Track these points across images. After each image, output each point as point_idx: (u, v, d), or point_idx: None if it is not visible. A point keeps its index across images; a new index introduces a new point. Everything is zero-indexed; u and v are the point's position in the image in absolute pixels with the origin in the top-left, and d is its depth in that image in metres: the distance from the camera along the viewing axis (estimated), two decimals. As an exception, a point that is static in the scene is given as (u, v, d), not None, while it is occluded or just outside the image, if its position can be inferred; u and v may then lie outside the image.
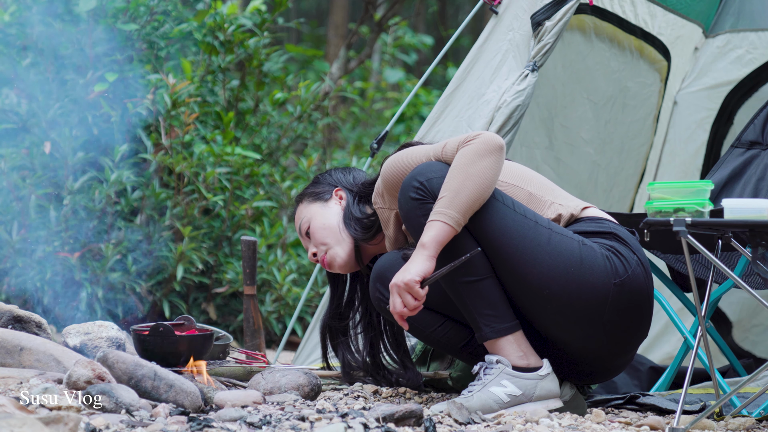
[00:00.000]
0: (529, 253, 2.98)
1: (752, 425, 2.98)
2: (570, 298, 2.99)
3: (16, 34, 5.68)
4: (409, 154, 3.11)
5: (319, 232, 3.32)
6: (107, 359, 2.79)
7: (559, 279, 2.98)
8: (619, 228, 3.09)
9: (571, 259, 2.98)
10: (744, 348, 4.72)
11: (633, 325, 3.08)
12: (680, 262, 3.85)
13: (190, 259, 5.48)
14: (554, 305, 3.00)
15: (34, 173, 5.43)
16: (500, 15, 3.92)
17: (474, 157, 2.94)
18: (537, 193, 3.13)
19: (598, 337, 3.04)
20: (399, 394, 3.43)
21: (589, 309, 3.00)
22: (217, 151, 5.59)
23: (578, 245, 3.00)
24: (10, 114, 5.52)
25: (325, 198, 3.36)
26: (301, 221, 3.37)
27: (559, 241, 3.00)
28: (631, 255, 3.03)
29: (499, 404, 3.01)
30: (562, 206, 3.12)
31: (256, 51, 6.02)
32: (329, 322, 3.45)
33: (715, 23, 4.76)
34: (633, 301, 3.03)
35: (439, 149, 3.04)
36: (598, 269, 2.99)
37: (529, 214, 3.02)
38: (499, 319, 3.01)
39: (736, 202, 2.88)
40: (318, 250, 3.34)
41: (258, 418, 2.58)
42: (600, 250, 3.01)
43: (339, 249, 3.31)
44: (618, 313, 3.02)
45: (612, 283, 2.99)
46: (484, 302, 3.01)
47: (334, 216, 3.33)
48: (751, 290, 2.87)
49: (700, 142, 4.83)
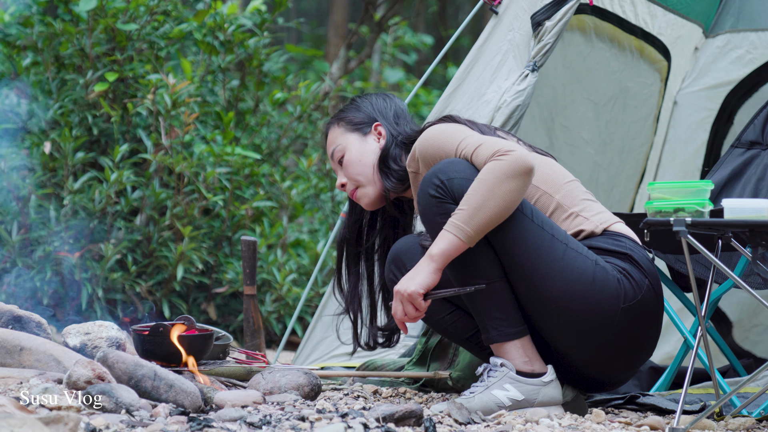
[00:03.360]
0: (542, 266, 2.97)
1: (752, 425, 2.98)
2: (578, 315, 2.99)
3: (16, 33, 5.68)
4: (447, 137, 3.05)
5: (353, 167, 3.25)
6: (107, 359, 2.79)
7: (569, 295, 2.97)
8: (636, 249, 3.05)
9: (583, 277, 2.97)
10: (744, 348, 4.72)
11: (638, 346, 3.08)
12: (680, 262, 3.85)
13: (190, 259, 5.48)
14: (562, 319, 3.00)
15: (34, 173, 5.43)
16: (500, 15, 3.92)
17: (502, 177, 2.89)
18: (564, 203, 3.09)
19: (602, 354, 3.05)
20: (399, 394, 3.43)
21: (595, 328, 3.00)
22: (217, 151, 5.59)
23: (592, 264, 2.99)
24: (10, 114, 5.52)
25: (364, 131, 3.27)
26: (335, 147, 3.28)
27: (574, 258, 2.98)
28: (643, 279, 3.02)
29: (500, 407, 3.01)
30: (587, 220, 3.08)
31: (256, 51, 6.02)
32: (346, 235, 3.39)
33: (715, 23, 4.76)
34: (640, 324, 3.03)
35: (470, 151, 2.98)
36: (608, 291, 2.98)
37: (547, 225, 3.00)
38: (507, 322, 3.02)
39: (736, 202, 2.88)
40: (348, 183, 3.27)
41: (258, 418, 2.58)
42: (613, 271, 3.00)
43: (370, 189, 3.26)
44: (623, 334, 3.02)
45: (620, 306, 2.99)
46: (494, 305, 3.01)
47: (371, 155, 3.26)
48: (751, 290, 2.87)
49: (700, 142, 4.83)
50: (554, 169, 3.14)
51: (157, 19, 5.78)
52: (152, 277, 5.54)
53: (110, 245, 5.36)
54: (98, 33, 5.63)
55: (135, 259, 5.52)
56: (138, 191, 5.51)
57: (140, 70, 5.66)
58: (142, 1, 5.67)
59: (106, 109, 5.49)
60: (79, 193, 5.44)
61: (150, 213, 5.53)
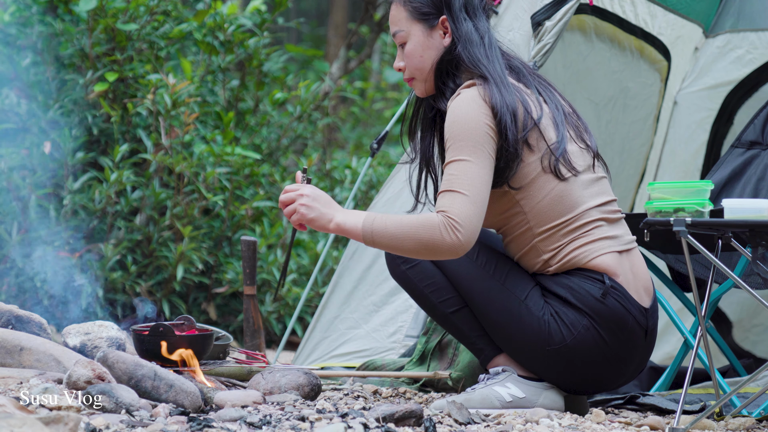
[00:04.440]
0: (482, 303, 3.08)
1: (752, 425, 2.98)
2: (512, 349, 3.09)
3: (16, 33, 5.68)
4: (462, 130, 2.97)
5: (412, 60, 3.12)
6: (107, 359, 2.79)
7: (501, 333, 3.07)
8: (581, 289, 3.02)
9: (510, 316, 3.04)
10: (744, 348, 4.72)
11: (591, 379, 3.10)
12: (680, 262, 3.85)
13: (190, 259, 5.48)
14: (507, 349, 3.11)
15: (34, 173, 5.43)
16: (500, 15, 3.92)
17: (423, 241, 2.91)
18: (541, 245, 3.05)
19: (562, 380, 3.09)
20: (399, 394, 3.43)
21: (535, 363, 3.07)
22: (217, 151, 5.59)
23: (517, 304, 3.04)
24: (10, 114, 5.52)
25: (430, 23, 3.11)
26: (398, 30, 3.13)
27: (502, 297, 3.05)
28: (579, 320, 3.01)
29: (501, 402, 3.02)
30: (554, 258, 3.05)
31: (256, 51, 6.02)
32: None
33: (715, 23, 4.76)
34: (580, 363, 3.04)
35: (447, 179, 2.95)
36: (531, 332, 3.03)
37: (489, 265, 3.07)
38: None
39: (736, 202, 2.88)
40: (406, 70, 3.15)
41: (258, 418, 2.58)
42: (539, 312, 3.03)
43: (422, 85, 3.15)
44: (568, 372, 3.06)
45: (545, 348, 3.02)
46: (477, 325, 3.12)
47: (433, 53, 3.11)
48: (751, 290, 2.87)
49: (700, 142, 4.83)
50: (564, 200, 3.04)
51: (157, 19, 5.78)
52: (152, 277, 5.54)
53: (110, 245, 5.36)
54: (98, 33, 5.63)
55: (135, 259, 5.52)
56: (138, 191, 5.51)
57: (140, 70, 5.66)
58: (142, 1, 5.67)
59: (106, 109, 5.49)
60: (79, 193, 5.43)
61: (150, 213, 5.53)
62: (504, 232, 3.11)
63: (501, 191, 3.03)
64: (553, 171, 3.01)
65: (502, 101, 2.97)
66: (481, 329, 3.10)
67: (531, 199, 3.02)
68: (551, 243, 3.04)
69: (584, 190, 3.05)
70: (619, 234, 3.08)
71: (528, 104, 3.01)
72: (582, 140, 3.09)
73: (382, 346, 4.07)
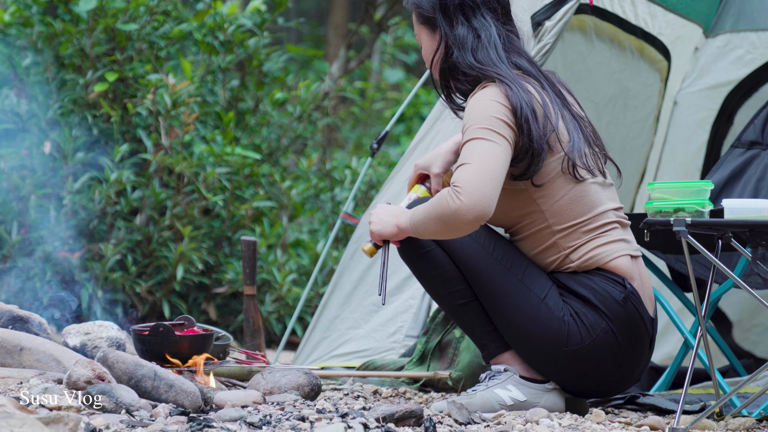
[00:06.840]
0: (495, 297, 3.05)
1: (752, 425, 2.98)
2: (525, 348, 3.06)
3: (16, 33, 5.68)
4: (476, 117, 2.98)
5: (426, 63, 3.16)
6: (107, 359, 2.79)
7: (515, 328, 3.04)
8: (605, 291, 3.02)
9: (527, 315, 3.02)
10: (744, 348, 4.72)
11: (598, 382, 3.10)
12: (680, 262, 3.85)
13: (190, 259, 5.48)
14: (517, 347, 3.08)
15: (34, 173, 5.42)
16: (500, 15, 3.92)
17: (437, 216, 2.92)
18: (562, 242, 3.05)
19: (568, 381, 3.09)
20: (399, 394, 3.43)
21: (545, 363, 3.06)
22: (217, 151, 5.59)
23: (537, 303, 3.02)
24: (10, 114, 5.52)
25: (434, 27, 3.12)
26: (415, 33, 3.17)
27: (519, 295, 3.03)
28: (598, 322, 3.02)
29: (501, 405, 3.02)
30: (574, 256, 3.05)
31: (256, 51, 6.02)
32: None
33: (716, 23, 4.75)
34: (592, 366, 3.04)
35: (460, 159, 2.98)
36: (550, 332, 3.02)
37: (506, 260, 3.04)
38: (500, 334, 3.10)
39: (736, 202, 2.88)
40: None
41: (258, 418, 2.58)
42: (560, 313, 3.02)
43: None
44: (575, 373, 3.05)
45: (563, 349, 3.01)
46: (484, 320, 3.08)
47: (432, 53, 3.12)
48: (751, 290, 2.87)
49: (700, 142, 4.83)
50: (582, 200, 3.05)
51: (157, 19, 5.78)
52: (152, 277, 5.54)
53: (110, 245, 5.36)
54: (98, 33, 5.63)
55: (135, 259, 5.52)
56: (138, 191, 5.51)
57: (140, 70, 5.65)
58: (142, 1, 5.67)
59: (106, 109, 5.49)
60: (79, 193, 5.43)
61: (150, 213, 5.53)
62: (515, 231, 3.10)
63: (519, 189, 3.03)
64: (572, 172, 3.03)
65: (519, 98, 2.97)
66: (488, 324, 3.08)
67: (549, 198, 3.02)
68: (571, 240, 3.04)
69: (601, 193, 3.07)
70: (630, 240, 3.12)
71: (548, 107, 3.02)
72: (596, 145, 3.11)
73: (382, 346, 4.07)
